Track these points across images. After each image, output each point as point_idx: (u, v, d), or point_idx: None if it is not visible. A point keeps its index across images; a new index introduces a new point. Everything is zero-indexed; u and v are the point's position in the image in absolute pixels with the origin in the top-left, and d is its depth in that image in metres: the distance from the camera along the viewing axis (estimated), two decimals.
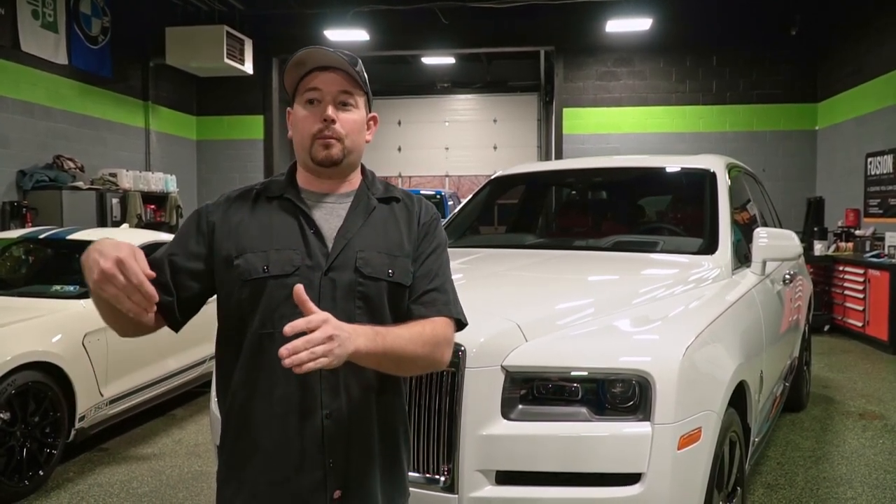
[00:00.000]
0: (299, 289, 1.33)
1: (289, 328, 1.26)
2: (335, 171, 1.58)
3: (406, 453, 1.67)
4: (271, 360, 1.46)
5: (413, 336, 1.48)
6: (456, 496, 2.24)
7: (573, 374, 2.28)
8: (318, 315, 1.30)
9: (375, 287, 1.53)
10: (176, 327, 1.57)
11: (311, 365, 1.26)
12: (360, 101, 1.60)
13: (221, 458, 1.60)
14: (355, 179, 1.64)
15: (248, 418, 1.53)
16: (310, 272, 1.50)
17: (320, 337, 1.27)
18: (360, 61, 1.60)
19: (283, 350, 1.25)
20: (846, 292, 8.34)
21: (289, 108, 1.63)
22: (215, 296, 1.61)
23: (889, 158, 8.72)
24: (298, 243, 1.52)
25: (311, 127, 1.55)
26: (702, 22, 10.99)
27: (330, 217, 1.58)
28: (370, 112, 1.65)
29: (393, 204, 1.64)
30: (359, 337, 1.35)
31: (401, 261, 1.56)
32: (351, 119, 1.57)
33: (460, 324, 1.62)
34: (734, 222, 3.64)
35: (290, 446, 1.49)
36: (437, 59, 14.45)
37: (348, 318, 1.44)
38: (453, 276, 1.66)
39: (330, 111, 1.54)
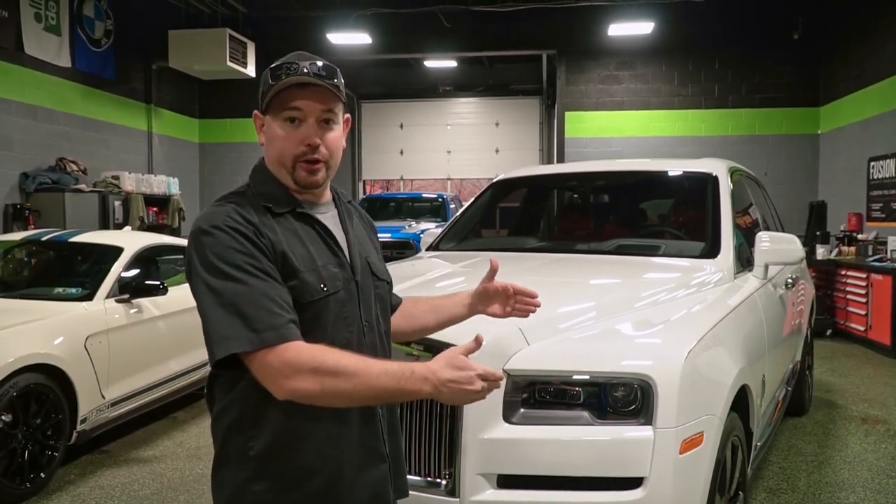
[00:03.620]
0: (497, 263, 1.64)
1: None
2: (317, 189, 1.57)
3: None
4: None
5: None
6: (457, 500, 2.23)
7: (575, 377, 2.28)
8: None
9: (384, 287, 1.66)
10: None
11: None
12: (340, 112, 1.55)
13: (258, 474, 1.47)
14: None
15: (299, 443, 1.46)
16: (348, 284, 1.53)
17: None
18: (338, 71, 1.53)
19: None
20: (848, 296, 8.32)
21: (256, 112, 1.56)
22: None
23: (892, 162, 8.71)
24: (331, 257, 1.53)
25: (294, 149, 1.49)
26: (703, 25, 10.99)
27: (333, 227, 1.59)
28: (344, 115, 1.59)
29: (352, 210, 1.71)
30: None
31: (383, 262, 1.71)
32: (334, 137, 1.53)
33: None
34: (736, 226, 3.63)
35: (352, 482, 1.52)
36: (440, 63, 14.46)
37: (375, 318, 1.59)
38: (456, 279, 1.70)
39: (316, 136, 1.49)
